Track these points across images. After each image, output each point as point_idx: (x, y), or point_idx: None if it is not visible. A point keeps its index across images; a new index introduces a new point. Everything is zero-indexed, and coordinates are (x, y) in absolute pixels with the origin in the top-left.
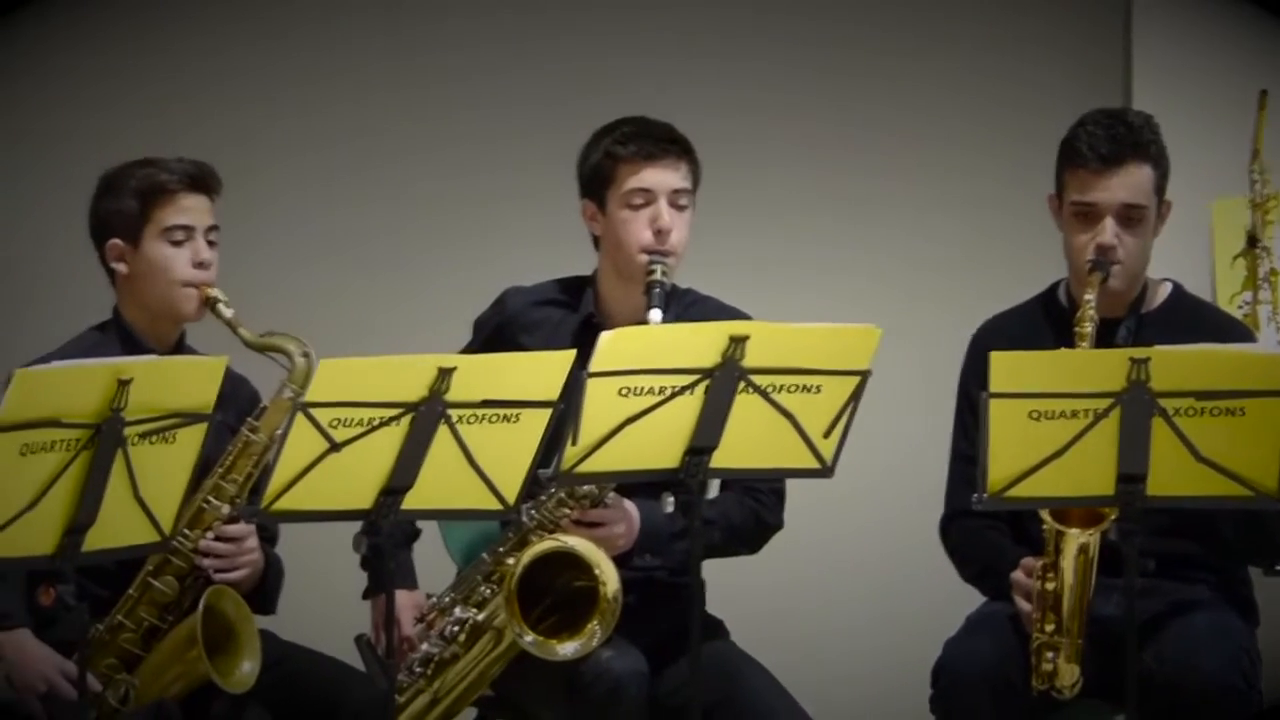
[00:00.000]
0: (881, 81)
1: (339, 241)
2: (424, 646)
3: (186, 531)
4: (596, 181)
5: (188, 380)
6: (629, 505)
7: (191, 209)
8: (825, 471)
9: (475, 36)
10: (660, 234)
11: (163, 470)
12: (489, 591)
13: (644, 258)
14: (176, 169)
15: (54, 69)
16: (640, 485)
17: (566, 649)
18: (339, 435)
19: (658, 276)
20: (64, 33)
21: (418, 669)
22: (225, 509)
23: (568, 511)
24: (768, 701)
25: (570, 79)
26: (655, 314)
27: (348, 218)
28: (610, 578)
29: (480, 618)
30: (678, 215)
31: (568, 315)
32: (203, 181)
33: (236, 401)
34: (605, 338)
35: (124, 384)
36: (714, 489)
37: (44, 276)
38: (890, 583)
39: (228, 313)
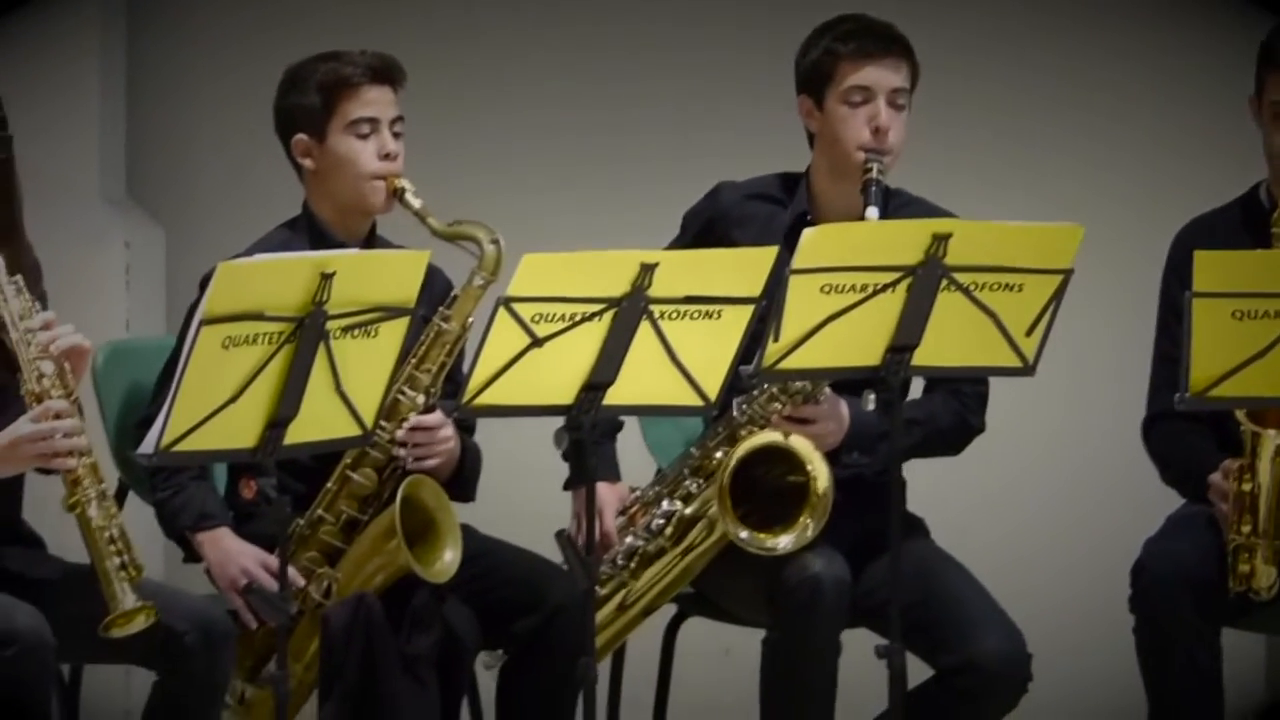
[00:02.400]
0: None
1: (537, 132)
2: (629, 539)
3: (383, 423)
4: (815, 78)
5: (390, 274)
6: (839, 402)
7: (376, 101)
8: (1027, 370)
9: None
10: (878, 132)
11: (364, 364)
12: (696, 486)
13: (861, 155)
14: (360, 61)
15: None
16: (840, 383)
17: (781, 542)
18: (541, 330)
19: (874, 175)
20: None
21: (621, 562)
22: (420, 399)
23: (778, 407)
24: (966, 601)
25: None
26: (872, 211)
27: (545, 106)
28: (822, 473)
29: (688, 511)
30: (895, 115)
31: (780, 211)
32: (386, 73)
33: (431, 292)
34: (808, 234)
35: (327, 277)
36: (917, 389)
37: (233, 174)
38: (1089, 483)
39: (416, 203)
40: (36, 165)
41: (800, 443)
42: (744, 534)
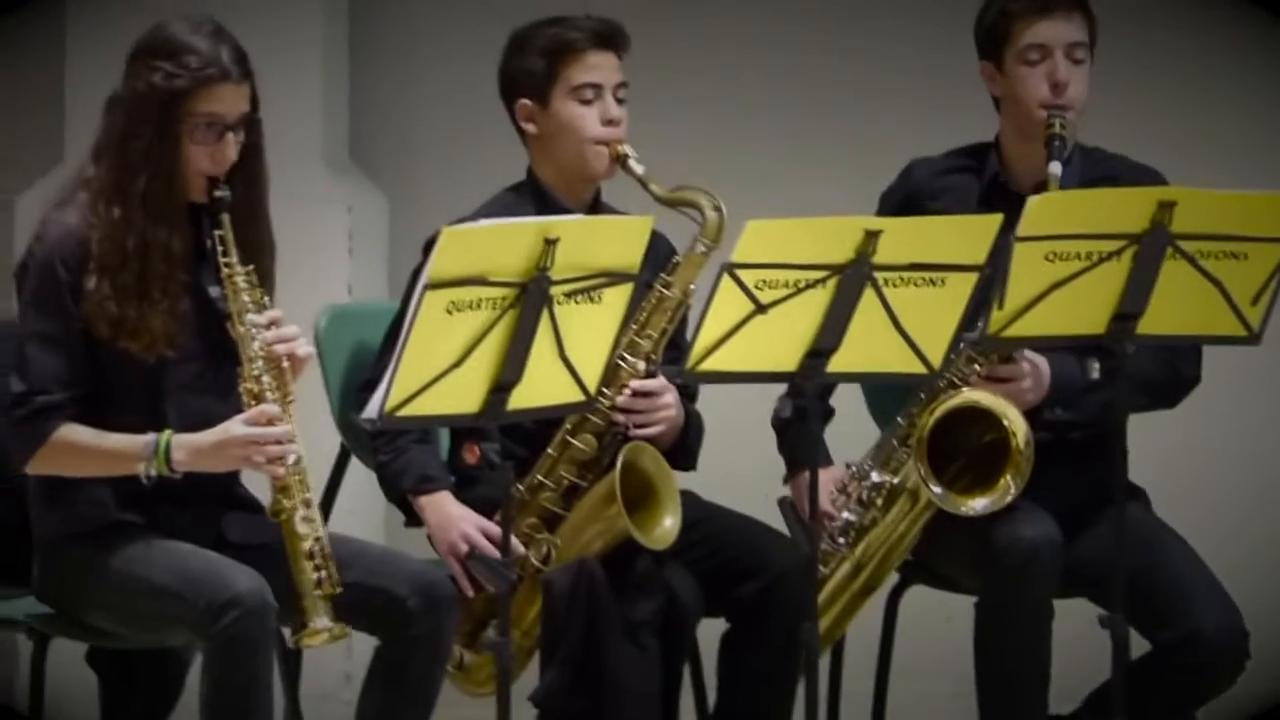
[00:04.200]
0: None
1: (754, 102)
2: (844, 515)
3: (604, 389)
4: (993, 41)
5: (614, 240)
6: (1038, 359)
7: (599, 66)
8: (1253, 339)
9: None
10: (1057, 87)
11: (588, 329)
12: (905, 455)
13: (1042, 113)
14: (584, 26)
15: None
16: (1062, 348)
17: (976, 504)
18: (764, 297)
19: (1056, 130)
20: None
21: (839, 538)
22: (641, 365)
23: (977, 367)
24: (1185, 576)
25: None
26: (1055, 166)
27: (766, 77)
28: (1019, 428)
29: (896, 480)
30: (1075, 68)
31: (973, 180)
32: (610, 39)
33: (655, 258)
34: (1033, 202)
35: (551, 243)
36: None
37: (455, 138)
38: None
39: (639, 169)
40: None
41: (994, 400)
42: (938, 490)
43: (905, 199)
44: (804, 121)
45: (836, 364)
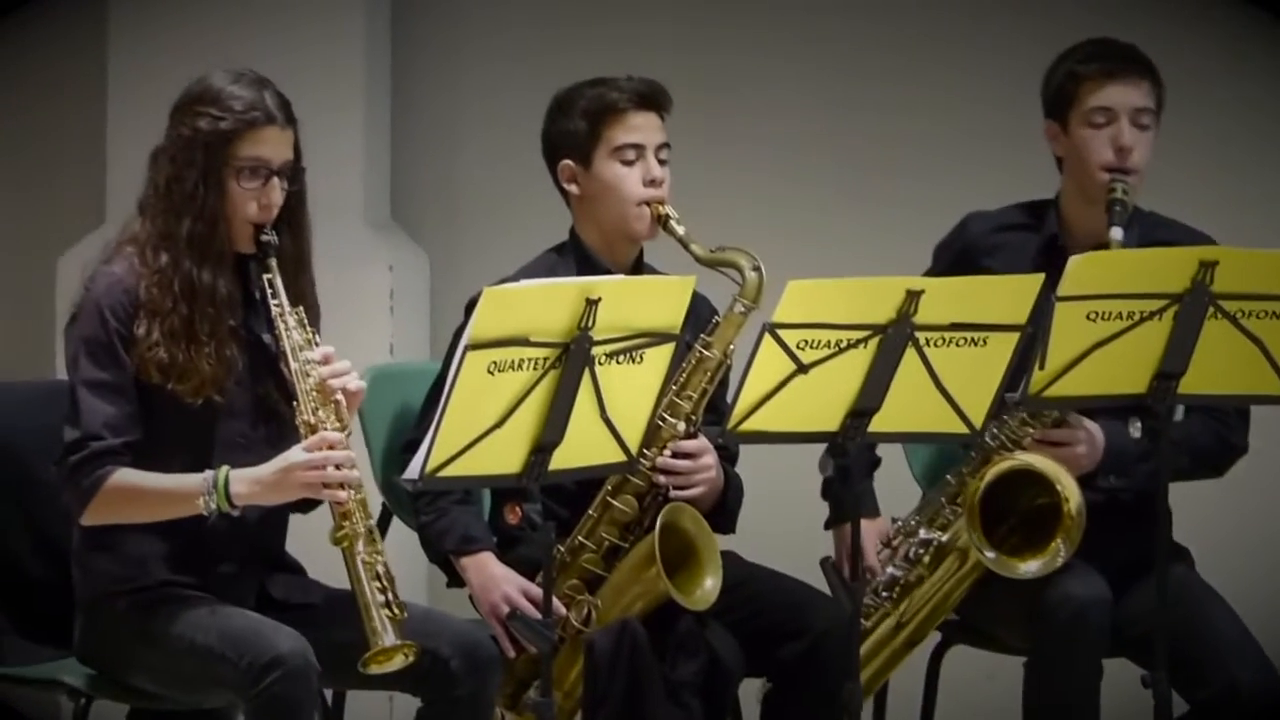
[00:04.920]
0: None
1: (793, 164)
2: (889, 570)
3: (645, 450)
4: (1059, 101)
5: (656, 300)
6: (1092, 425)
7: (641, 127)
8: None
9: None
10: (1121, 152)
11: (629, 390)
12: (953, 513)
13: (1105, 176)
14: (626, 87)
15: None
16: (1105, 410)
17: (1029, 567)
18: (806, 357)
19: (1118, 195)
20: None
21: (883, 593)
22: (681, 426)
23: (1030, 430)
24: (1223, 634)
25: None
26: (1116, 231)
27: (806, 139)
28: (1073, 493)
29: (944, 539)
30: (1140, 134)
31: (1030, 237)
32: (652, 99)
33: (695, 318)
34: (1074, 261)
35: (592, 303)
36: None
37: (497, 198)
38: None
39: (680, 230)
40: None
41: (1049, 464)
42: (991, 555)
43: (961, 253)
44: (846, 180)
45: (878, 424)
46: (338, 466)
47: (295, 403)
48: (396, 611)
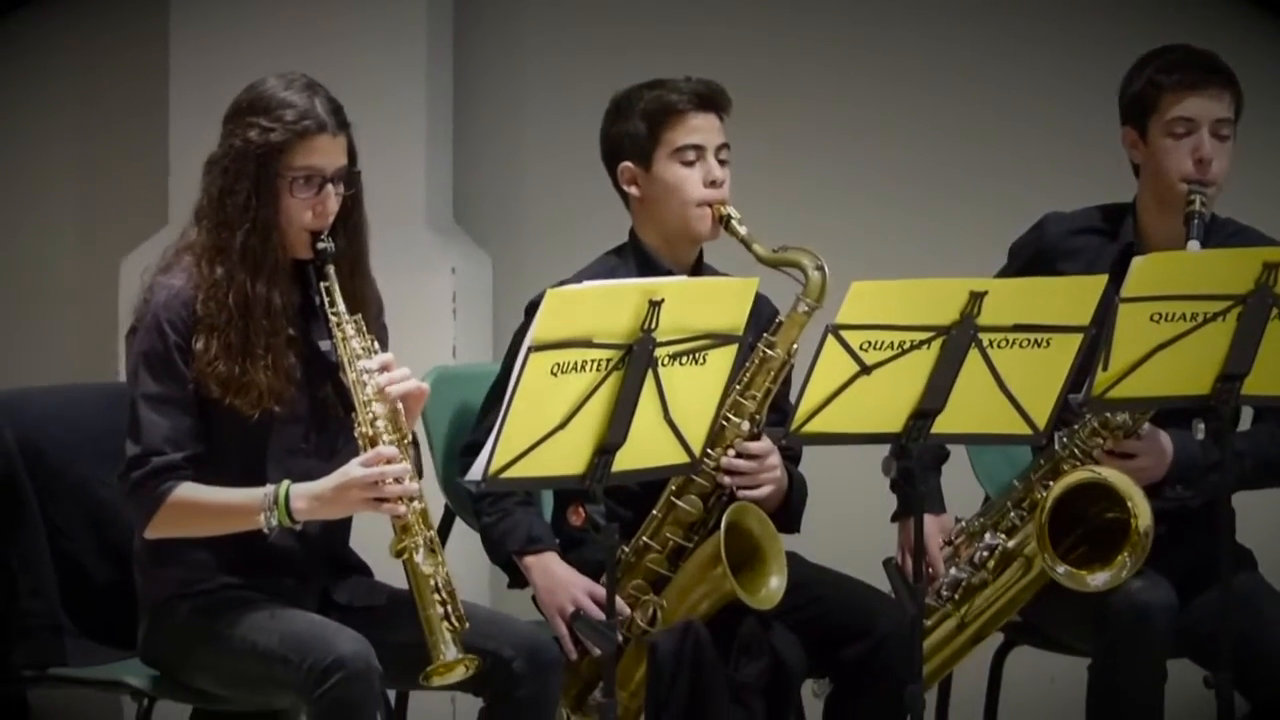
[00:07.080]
0: None
1: (863, 161)
2: (953, 571)
3: (709, 450)
4: (1138, 109)
5: (719, 301)
6: (1163, 436)
7: (701, 128)
8: None
9: None
10: (1201, 163)
11: (692, 391)
12: (1019, 518)
13: (1184, 187)
14: (685, 89)
15: None
16: (1170, 413)
17: (1097, 580)
18: (869, 358)
19: (1197, 207)
20: None
21: (945, 594)
22: (745, 426)
23: (1100, 441)
24: None
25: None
26: (1194, 245)
27: (868, 139)
28: (1143, 511)
29: (1010, 544)
30: (1219, 145)
31: (1107, 243)
32: (711, 100)
33: (758, 318)
34: (1138, 263)
35: (655, 305)
36: (1245, 421)
37: (559, 201)
38: None
39: (741, 230)
40: (364, 193)
41: (1121, 479)
42: (1061, 569)
43: (1038, 254)
44: (908, 181)
45: (941, 425)
46: (395, 480)
47: (353, 413)
48: (457, 623)
